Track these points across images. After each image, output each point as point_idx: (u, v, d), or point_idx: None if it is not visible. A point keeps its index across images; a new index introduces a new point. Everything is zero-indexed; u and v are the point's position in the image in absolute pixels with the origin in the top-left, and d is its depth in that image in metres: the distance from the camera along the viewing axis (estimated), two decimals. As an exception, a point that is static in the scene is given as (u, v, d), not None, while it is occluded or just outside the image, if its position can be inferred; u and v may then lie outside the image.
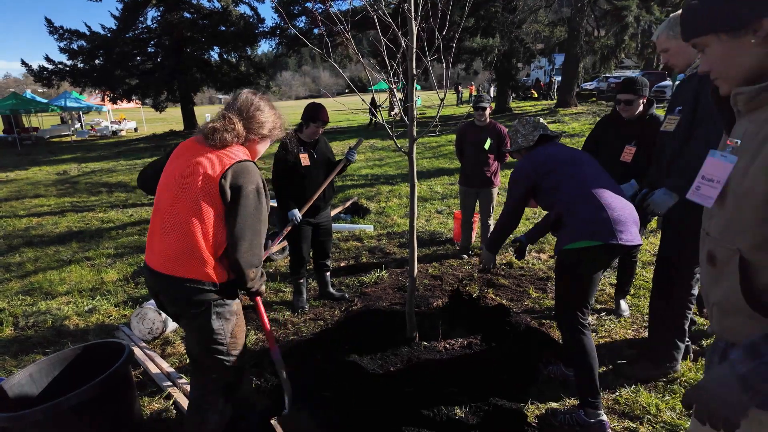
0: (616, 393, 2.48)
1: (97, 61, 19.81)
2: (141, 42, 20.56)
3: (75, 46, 19.59)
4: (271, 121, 1.90)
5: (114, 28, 19.70)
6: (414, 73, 2.47)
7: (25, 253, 5.51)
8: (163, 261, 1.73)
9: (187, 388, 2.54)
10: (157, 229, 1.78)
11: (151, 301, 3.32)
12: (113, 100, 21.16)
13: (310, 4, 18.29)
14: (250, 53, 22.26)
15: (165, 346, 3.22)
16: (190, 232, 1.68)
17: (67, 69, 19.55)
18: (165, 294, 1.80)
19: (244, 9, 21.48)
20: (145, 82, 20.16)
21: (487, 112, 4.35)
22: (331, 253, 3.88)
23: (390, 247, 5.02)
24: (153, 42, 20.95)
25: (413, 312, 2.88)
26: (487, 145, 4.29)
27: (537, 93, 29.14)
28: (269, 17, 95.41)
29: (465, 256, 4.62)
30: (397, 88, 2.91)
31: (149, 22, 20.64)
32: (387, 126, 2.58)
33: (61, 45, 19.42)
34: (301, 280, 3.66)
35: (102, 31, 19.78)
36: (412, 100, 2.54)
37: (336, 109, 29.82)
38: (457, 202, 6.51)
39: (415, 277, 2.86)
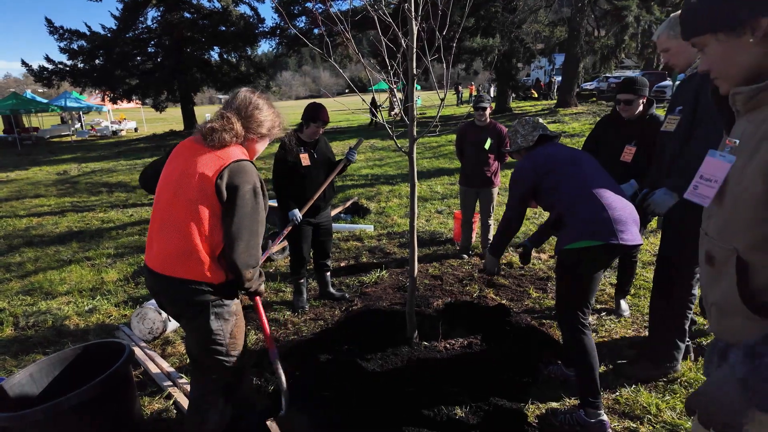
0: (617, 393, 2.47)
1: (97, 61, 19.82)
2: (141, 42, 20.58)
3: (75, 46, 19.61)
4: (270, 119, 1.89)
5: (114, 28, 19.71)
6: (414, 73, 2.47)
7: (26, 253, 5.51)
8: (162, 261, 1.73)
9: (188, 388, 2.54)
10: (156, 229, 1.77)
11: (151, 301, 3.32)
12: (113, 100, 21.18)
13: (310, 4, 18.28)
14: (250, 53, 22.27)
15: (165, 346, 3.22)
16: (187, 232, 1.67)
17: (68, 69, 19.56)
18: (164, 294, 1.80)
19: (244, 9, 21.54)
20: (145, 82, 20.18)
21: (488, 112, 4.35)
22: (331, 253, 3.88)
23: (390, 247, 5.02)
24: (153, 42, 20.97)
25: (413, 312, 2.88)
26: (487, 145, 4.30)
27: (537, 93, 29.14)
28: (269, 17, 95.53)
29: (465, 256, 4.62)
30: (397, 88, 2.90)
31: (149, 22, 20.69)
32: (387, 126, 2.58)
33: (61, 45, 19.44)
34: (302, 280, 3.66)
35: (102, 31, 19.80)
36: (413, 100, 2.54)
37: (336, 109, 29.80)
38: (457, 202, 6.51)
39: (416, 277, 2.86)
